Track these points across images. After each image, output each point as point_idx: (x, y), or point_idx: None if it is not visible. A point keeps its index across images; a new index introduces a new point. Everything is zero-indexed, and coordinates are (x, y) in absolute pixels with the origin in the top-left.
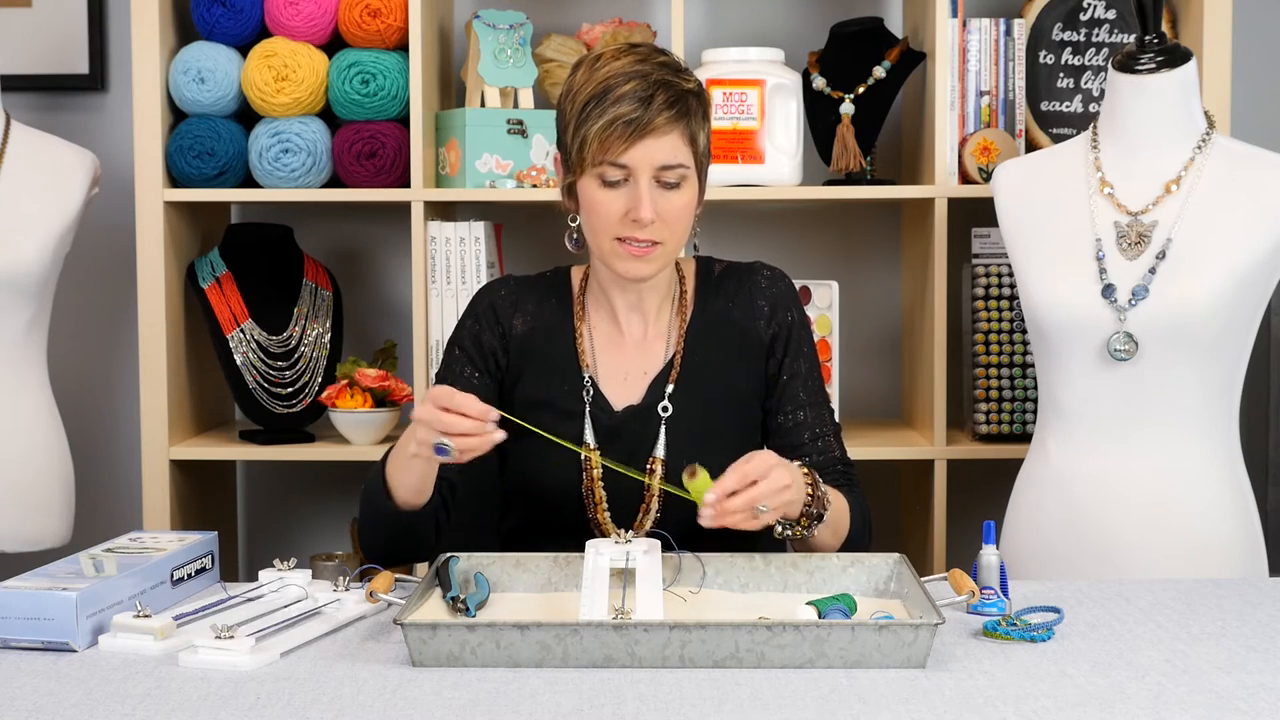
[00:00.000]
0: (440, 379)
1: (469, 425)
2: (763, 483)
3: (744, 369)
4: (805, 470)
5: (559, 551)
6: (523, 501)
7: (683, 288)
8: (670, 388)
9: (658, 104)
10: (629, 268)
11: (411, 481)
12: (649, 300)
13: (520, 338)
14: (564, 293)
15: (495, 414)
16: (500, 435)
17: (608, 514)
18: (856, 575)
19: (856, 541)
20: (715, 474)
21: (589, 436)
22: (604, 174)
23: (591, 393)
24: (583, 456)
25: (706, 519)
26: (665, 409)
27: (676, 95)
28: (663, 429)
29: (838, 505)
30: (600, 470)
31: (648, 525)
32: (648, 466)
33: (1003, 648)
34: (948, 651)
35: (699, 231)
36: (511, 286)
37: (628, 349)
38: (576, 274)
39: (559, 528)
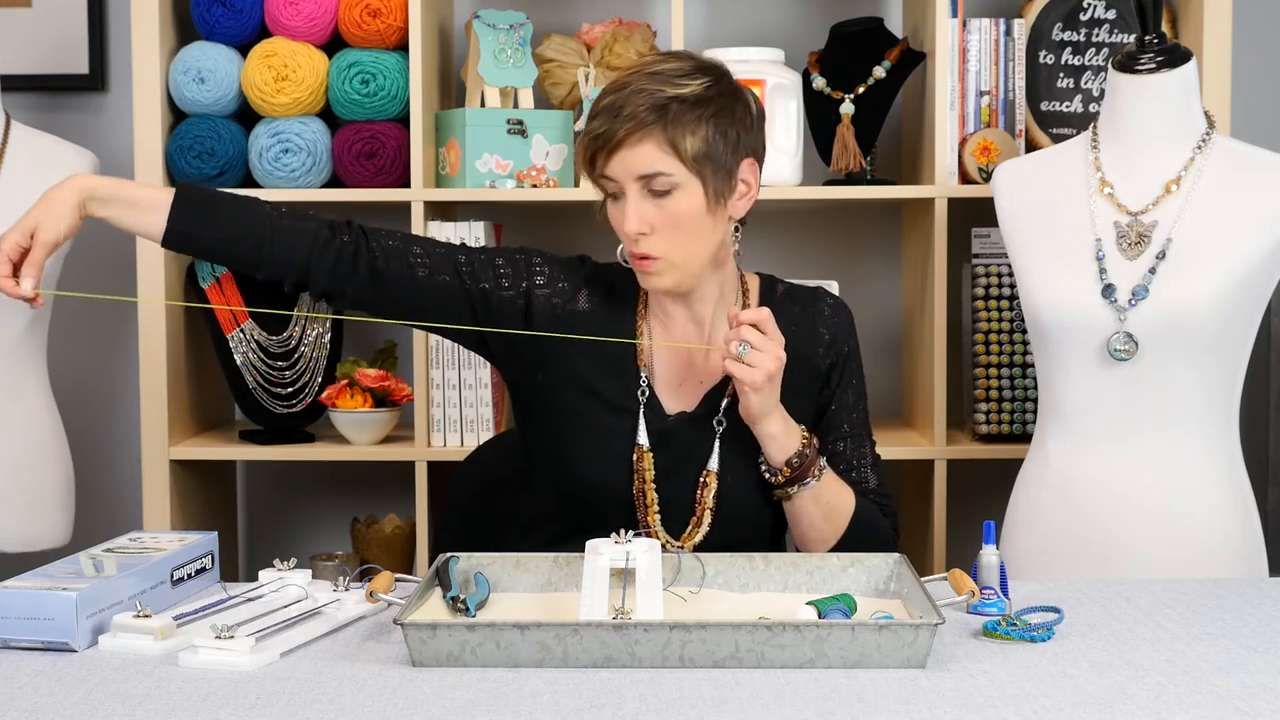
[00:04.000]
0: (479, 248)
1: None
2: (766, 341)
3: (797, 393)
4: (806, 437)
5: None
6: (567, 501)
7: (745, 302)
8: (726, 401)
9: (623, 116)
10: (642, 281)
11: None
12: (702, 311)
13: (579, 314)
14: (629, 288)
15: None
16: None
17: (659, 518)
18: (856, 575)
19: (857, 547)
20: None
21: (642, 437)
22: (604, 186)
23: (647, 393)
24: (634, 458)
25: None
26: (720, 422)
27: (655, 104)
28: (717, 442)
29: (834, 488)
30: (653, 472)
31: (697, 538)
32: (701, 479)
33: (1003, 648)
34: (948, 651)
35: (740, 239)
36: (590, 267)
37: (685, 356)
38: None
39: (605, 532)
